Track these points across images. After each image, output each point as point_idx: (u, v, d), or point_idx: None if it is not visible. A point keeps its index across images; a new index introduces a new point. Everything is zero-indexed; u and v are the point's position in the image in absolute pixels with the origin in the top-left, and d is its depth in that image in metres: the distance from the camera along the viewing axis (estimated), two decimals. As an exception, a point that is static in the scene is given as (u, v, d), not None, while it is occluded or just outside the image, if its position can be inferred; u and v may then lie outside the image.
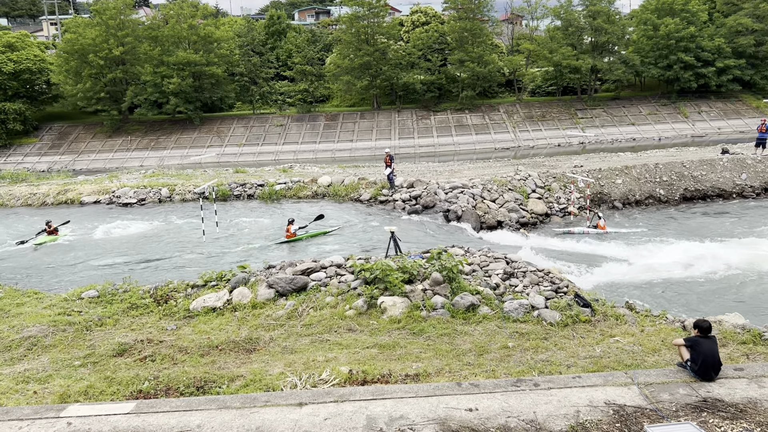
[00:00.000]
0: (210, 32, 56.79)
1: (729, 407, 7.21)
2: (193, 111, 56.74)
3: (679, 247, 19.33)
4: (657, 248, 19.35)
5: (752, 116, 54.25)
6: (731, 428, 6.73)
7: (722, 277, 16.68)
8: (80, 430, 7.14)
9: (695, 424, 6.64)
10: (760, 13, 55.86)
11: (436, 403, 7.48)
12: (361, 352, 10.30)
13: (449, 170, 30.78)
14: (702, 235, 21.00)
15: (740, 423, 6.83)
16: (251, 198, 27.76)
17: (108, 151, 55.21)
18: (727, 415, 7.02)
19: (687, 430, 6.42)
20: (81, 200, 28.79)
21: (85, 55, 53.74)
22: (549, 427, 6.88)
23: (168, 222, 24.39)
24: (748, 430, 6.68)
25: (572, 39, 57.92)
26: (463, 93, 57.89)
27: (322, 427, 6.99)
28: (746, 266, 17.12)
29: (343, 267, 14.21)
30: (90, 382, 9.33)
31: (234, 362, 10.25)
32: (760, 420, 6.88)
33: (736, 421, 6.89)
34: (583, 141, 52.00)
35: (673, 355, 9.39)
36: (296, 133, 56.59)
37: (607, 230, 22.06)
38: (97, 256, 20.18)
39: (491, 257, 14.84)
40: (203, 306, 13.10)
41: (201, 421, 7.25)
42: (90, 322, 12.41)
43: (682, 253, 18.36)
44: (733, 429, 6.71)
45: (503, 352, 10.12)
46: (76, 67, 54.68)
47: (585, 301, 12.11)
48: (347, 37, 57.48)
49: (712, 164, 27.76)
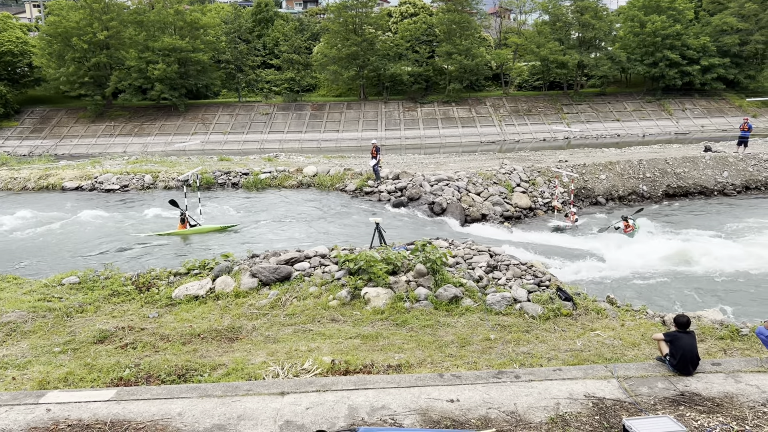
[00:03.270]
0: (196, 18, 56.17)
1: (706, 401, 7.32)
2: (178, 98, 56.15)
3: (661, 243, 19.52)
4: (639, 244, 19.52)
5: (735, 115, 54.84)
6: (708, 422, 6.83)
7: (702, 273, 16.90)
8: (59, 416, 7.09)
9: (673, 417, 6.73)
10: (745, 13, 56.34)
11: (418, 393, 7.51)
12: (344, 343, 10.31)
13: (435, 163, 30.81)
14: (683, 231, 21.22)
15: (716, 417, 6.94)
16: (236, 187, 27.60)
17: (91, 137, 54.50)
18: (704, 409, 7.12)
19: (665, 424, 6.50)
20: (63, 186, 28.44)
21: (68, 39, 52.88)
22: (529, 418, 6.94)
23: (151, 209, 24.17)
24: (724, 423, 6.78)
25: (559, 34, 58.09)
26: (450, 86, 57.89)
27: (304, 416, 6.99)
28: (726, 263, 17.34)
29: (327, 257, 14.20)
30: (70, 369, 9.26)
31: (216, 351, 10.21)
32: (736, 414, 7.00)
33: (713, 414, 7.00)
34: (568, 136, 52.25)
35: (652, 349, 9.50)
36: (282, 122, 56.27)
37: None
38: (77, 242, 19.97)
39: (475, 250, 14.89)
40: (186, 294, 13.03)
41: (182, 409, 7.23)
42: (70, 308, 12.29)
43: (663, 249, 18.54)
44: (709, 423, 6.81)
45: (485, 344, 10.18)
46: (59, 51, 53.79)
47: (567, 295, 12.22)
48: (335, 27, 57.17)
49: (695, 162, 28.03)
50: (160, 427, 6.85)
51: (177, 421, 6.97)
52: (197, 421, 6.96)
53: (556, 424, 6.82)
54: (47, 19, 57.93)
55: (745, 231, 21.13)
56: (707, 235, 20.61)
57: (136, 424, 6.92)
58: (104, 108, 57.19)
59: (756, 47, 56.04)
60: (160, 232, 20.68)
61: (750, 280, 16.37)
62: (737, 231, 21.21)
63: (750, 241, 19.39)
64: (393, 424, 6.80)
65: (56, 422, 6.97)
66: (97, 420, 7.02)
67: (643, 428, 6.39)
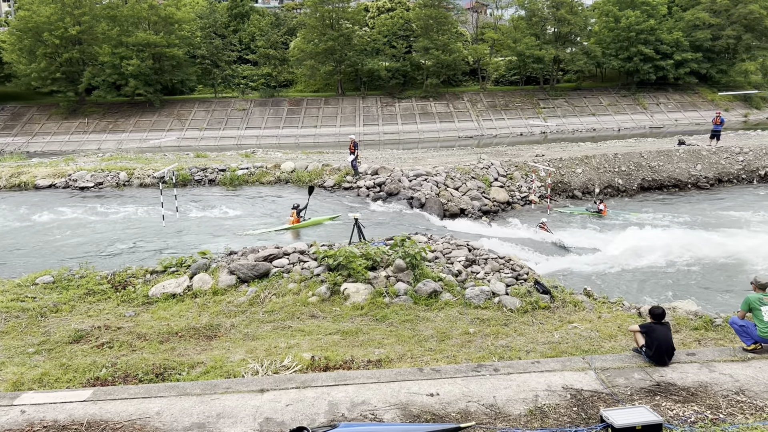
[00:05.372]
0: (171, 13, 55.42)
1: (681, 391, 7.44)
2: (152, 94, 55.42)
3: (636, 235, 19.78)
4: (615, 237, 19.75)
5: (708, 109, 55.76)
6: (683, 411, 6.94)
7: (676, 264, 17.16)
8: (34, 418, 6.98)
9: (649, 407, 6.83)
10: (717, 8, 57.23)
11: (398, 388, 7.53)
12: (324, 339, 10.29)
13: (413, 158, 30.83)
14: (658, 224, 21.53)
15: (691, 406, 7.06)
16: (212, 183, 27.35)
17: (64, 134, 53.62)
18: (679, 399, 7.24)
19: (641, 413, 6.60)
20: (35, 184, 27.91)
21: (39, 34, 51.85)
22: (508, 411, 6.99)
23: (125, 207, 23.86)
24: (698, 412, 6.90)
25: (536, 29, 58.52)
26: (427, 81, 57.97)
27: (284, 413, 6.97)
28: (700, 254, 17.64)
29: (306, 253, 14.14)
30: (45, 370, 9.11)
31: (194, 349, 10.13)
32: (710, 403, 7.12)
33: (688, 404, 7.12)
34: (544, 130, 52.66)
35: (628, 340, 9.63)
36: (259, 118, 55.89)
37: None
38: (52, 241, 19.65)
39: (454, 244, 14.95)
40: (163, 292, 12.90)
41: (160, 408, 7.16)
42: (45, 308, 12.09)
43: (638, 242, 18.79)
44: (684, 412, 6.92)
45: (464, 337, 10.23)
46: (30, 46, 52.73)
47: (544, 288, 12.32)
48: (312, 22, 56.89)
49: (669, 155, 28.43)
50: (138, 426, 6.78)
51: (155, 420, 6.90)
52: (176, 420, 6.90)
53: (535, 416, 6.88)
54: (17, 13, 56.66)
55: (717, 223, 21.49)
56: (682, 228, 20.92)
57: (114, 424, 6.84)
58: (77, 104, 56.27)
59: (728, 42, 56.98)
60: (275, 228, 20.26)
61: (723, 271, 16.67)
62: (710, 223, 21.56)
63: (723, 233, 19.72)
64: (373, 419, 6.81)
65: (31, 424, 6.85)
66: (74, 421, 6.92)
67: (620, 418, 6.48)
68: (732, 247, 18.05)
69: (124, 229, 20.81)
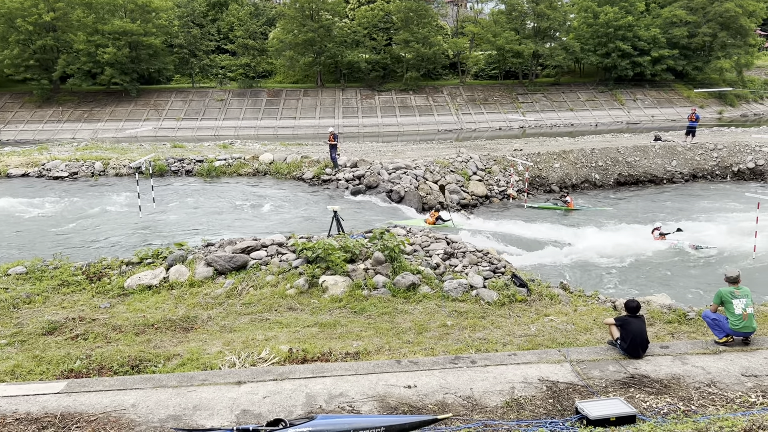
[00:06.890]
0: (148, 1, 54.63)
1: (655, 383, 7.55)
2: (129, 82, 54.68)
3: (612, 229, 20.02)
4: (591, 231, 19.95)
5: (683, 105, 56.51)
6: (656, 403, 7.06)
7: (651, 259, 17.39)
8: (6, 410, 6.87)
9: (623, 399, 6.94)
10: (693, 6, 57.89)
11: (376, 380, 7.54)
12: (302, 331, 10.27)
13: (393, 151, 30.82)
14: (633, 218, 21.78)
15: (665, 398, 7.18)
16: (189, 174, 27.08)
17: (37, 122, 52.67)
18: (653, 391, 7.36)
19: (615, 405, 6.69)
20: (8, 173, 27.40)
21: (12, 20, 50.82)
22: (485, 403, 7.04)
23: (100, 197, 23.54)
24: (671, 404, 7.02)
25: (515, 24, 58.72)
26: (407, 74, 57.91)
27: (261, 405, 6.95)
28: (674, 249, 17.90)
29: (285, 246, 14.08)
30: (17, 362, 8.97)
31: (170, 341, 10.04)
32: (683, 395, 7.25)
33: (661, 396, 7.23)
34: (523, 125, 52.95)
35: (604, 333, 9.75)
36: (237, 109, 55.41)
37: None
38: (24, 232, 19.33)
39: (432, 237, 14.99)
40: (138, 284, 12.75)
41: (136, 400, 7.10)
42: (17, 299, 11.89)
43: (614, 236, 19.03)
44: (657, 404, 7.04)
45: (442, 330, 10.28)
46: (3, 33, 51.63)
47: (521, 281, 12.42)
48: (291, 12, 56.44)
49: (645, 151, 28.76)
50: (113, 418, 6.71)
51: (130, 412, 6.84)
52: (151, 412, 6.84)
53: (511, 407, 6.95)
54: (-11, -1, 55.48)
55: (691, 218, 21.79)
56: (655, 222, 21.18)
57: (88, 416, 6.76)
58: (52, 93, 55.26)
59: (704, 39, 57.70)
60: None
61: (696, 265, 16.95)
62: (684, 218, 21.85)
63: (696, 228, 20.02)
64: (351, 411, 6.82)
65: (3, 416, 6.75)
66: (47, 413, 6.82)
67: (594, 410, 6.57)
68: (705, 242, 18.35)
69: (100, 219, 20.54)
